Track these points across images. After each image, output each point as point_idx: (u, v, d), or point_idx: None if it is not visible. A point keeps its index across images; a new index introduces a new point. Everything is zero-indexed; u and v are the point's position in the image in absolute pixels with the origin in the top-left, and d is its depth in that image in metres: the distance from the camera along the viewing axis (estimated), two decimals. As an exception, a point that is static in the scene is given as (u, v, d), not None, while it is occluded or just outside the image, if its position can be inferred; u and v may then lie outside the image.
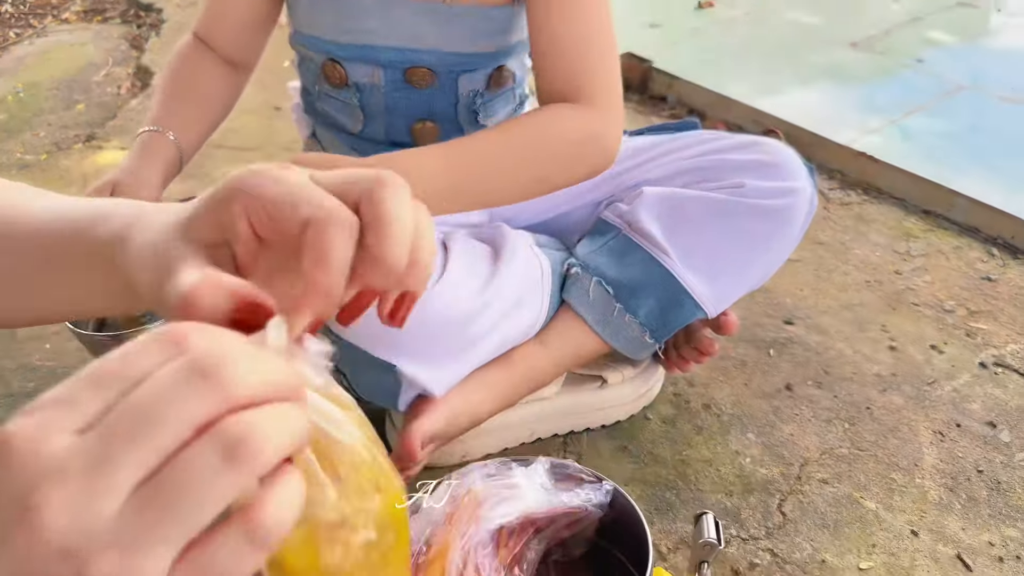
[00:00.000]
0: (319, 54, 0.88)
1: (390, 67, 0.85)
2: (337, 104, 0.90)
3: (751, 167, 0.89)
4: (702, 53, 1.85)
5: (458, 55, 0.85)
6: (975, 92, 1.73)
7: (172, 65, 0.92)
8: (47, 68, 1.89)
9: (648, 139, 0.98)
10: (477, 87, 0.88)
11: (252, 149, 1.55)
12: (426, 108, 0.88)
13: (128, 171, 0.85)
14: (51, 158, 1.53)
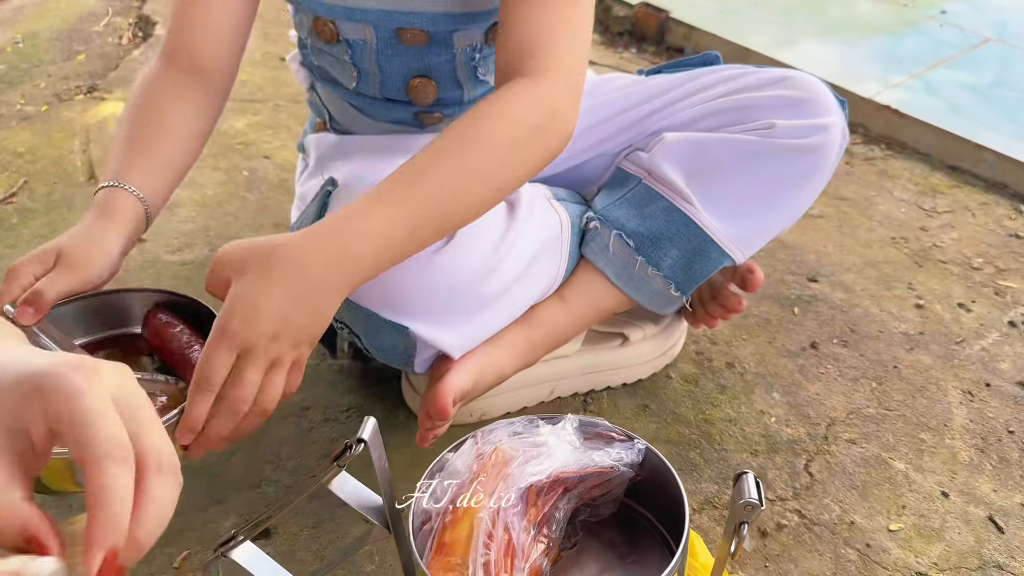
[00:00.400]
0: (308, 10, 0.83)
1: (380, 26, 0.81)
2: (330, 59, 0.86)
3: (782, 105, 0.84)
4: (720, 3, 1.80)
5: (448, 15, 0.80)
6: (1001, 44, 1.69)
7: (133, 101, 0.80)
8: (46, 18, 1.83)
9: (667, 78, 0.93)
10: (474, 42, 0.84)
11: (259, 101, 1.51)
12: (421, 64, 0.84)
13: (79, 236, 0.71)
14: (52, 109, 1.49)
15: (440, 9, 0.79)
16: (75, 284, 0.68)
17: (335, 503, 0.80)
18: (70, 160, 1.35)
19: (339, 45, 0.83)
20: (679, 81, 0.91)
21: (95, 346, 0.76)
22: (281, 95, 1.53)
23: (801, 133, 0.82)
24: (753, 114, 0.84)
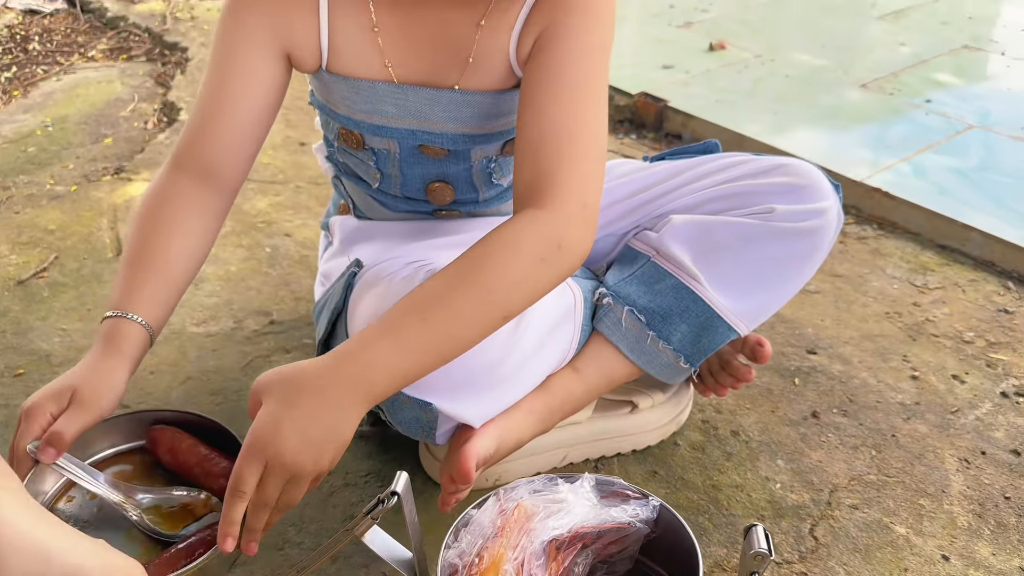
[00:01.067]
0: (335, 123, 0.90)
1: (404, 142, 0.88)
2: (355, 160, 0.93)
3: (780, 191, 0.90)
4: (715, 93, 1.90)
5: (468, 135, 0.87)
6: (983, 131, 1.78)
7: (140, 214, 0.83)
8: (75, 103, 1.93)
9: (671, 164, 1.00)
10: (490, 154, 0.91)
11: (280, 183, 1.58)
12: (440, 172, 0.91)
13: (90, 373, 0.75)
14: (81, 189, 1.56)
15: (460, 131, 0.87)
16: (88, 421, 0.74)
17: (357, 564, 0.84)
18: (98, 237, 1.41)
19: (365, 152, 0.90)
20: (682, 168, 0.98)
21: (108, 462, 0.85)
22: (301, 177, 1.60)
23: (799, 217, 0.89)
24: (754, 199, 0.90)
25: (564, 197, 0.73)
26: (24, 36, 2.29)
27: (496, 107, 0.86)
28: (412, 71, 0.83)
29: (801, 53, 2.16)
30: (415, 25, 0.81)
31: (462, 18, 0.80)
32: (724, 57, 2.10)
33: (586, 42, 0.77)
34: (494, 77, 0.83)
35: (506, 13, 0.80)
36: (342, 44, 0.82)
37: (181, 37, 2.26)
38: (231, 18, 0.82)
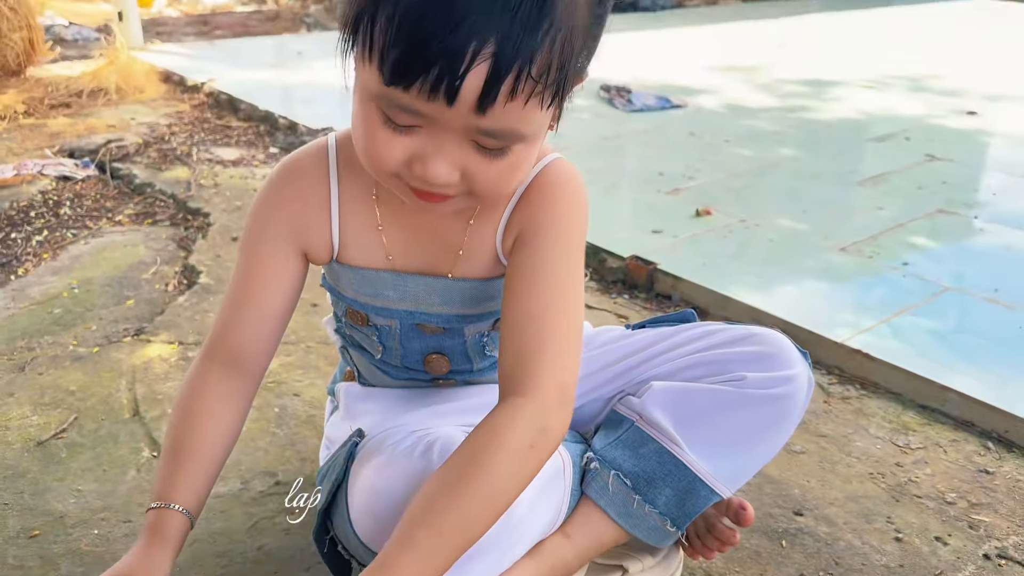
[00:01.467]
0: (343, 303, 1.00)
1: (403, 321, 0.98)
2: (360, 335, 1.03)
3: (750, 359, 0.98)
4: (702, 257, 2.01)
5: (461, 315, 0.97)
6: (959, 293, 1.87)
7: (178, 405, 0.91)
8: (101, 266, 2.05)
9: (650, 333, 1.08)
10: (483, 330, 1.00)
11: (292, 343, 1.67)
12: (437, 345, 1.00)
13: (137, 562, 0.80)
14: (102, 351, 1.64)
15: (453, 312, 0.96)
16: None
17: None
18: (117, 398, 1.48)
19: (369, 328, 1.00)
20: (662, 336, 1.07)
21: None
22: (312, 338, 1.69)
23: (769, 384, 0.96)
24: (727, 367, 0.98)
25: (543, 384, 0.79)
26: (56, 201, 2.45)
27: (484, 292, 0.95)
28: (411, 261, 0.94)
29: (783, 218, 2.30)
30: (414, 223, 0.92)
31: (454, 218, 0.91)
32: (710, 222, 2.23)
33: (560, 242, 0.86)
34: (482, 267, 0.94)
35: (492, 213, 0.91)
36: (351, 239, 0.93)
37: (204, 203, 2.42)
38: (255, 222, 0.93)
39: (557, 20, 0.66)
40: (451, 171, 0.74)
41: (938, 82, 4.32)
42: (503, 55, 0.65)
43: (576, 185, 0.90)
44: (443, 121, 0.70)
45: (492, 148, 0.73)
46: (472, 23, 0.63)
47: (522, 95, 0.68)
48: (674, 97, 3.61)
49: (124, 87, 3.52)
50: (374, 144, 0.75)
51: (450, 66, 0.64)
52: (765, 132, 3.24)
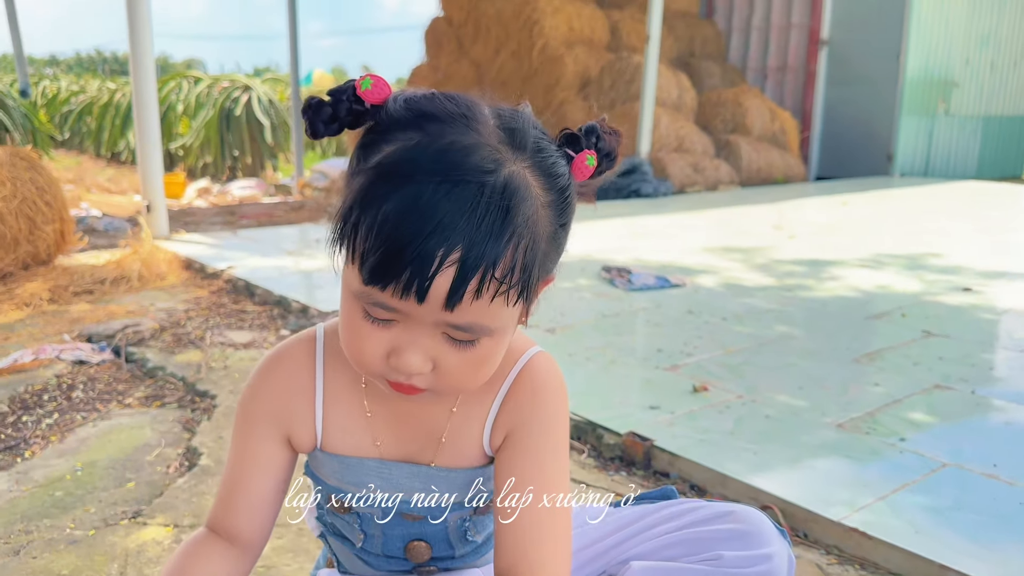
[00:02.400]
0: (325, 490, 1.02)
1: (386, 509, 0.99)
2: (341, 522, 1.04)
3: (728, 537, 0.98)
4: (699, 433, 2.03)
5: (442, 508, 0.99)
6: (958, 469, 1.86)
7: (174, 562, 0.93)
8: (106, 449, 2.08)
9: (632, 510, 1.09)
10: (465, 515, 1.02)
11: (284, 525, 1.67)
12: (419, 532, 1.02)
13: None
14: (99, 534, 1.65)
15: (435, 501, 0.98)
16: None
17: None
18: (106, 583, 1.48)
19: (351, 515, 1.02)
20: (641, 514, 1.08)
21: None
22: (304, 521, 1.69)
23: (746, 563, 0.96)
24: (703, 546, 0.98)
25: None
26: (70, 385, 2.53)
27: (468, 481, 0.98)
28: (396, 449, 0.97)
29: (781, 394, 2.32)
30: (400, 411, 0.96)
31: (438, 405, 0.95)
32: (707, 399, 2.26)
33: (552, 442, 0.92)
34: (464, 457, 0.96)
35: (477, 404, 0.95)
36: (336, 427, 0.97)
37: (212, 385, 2.48)
38: (243, 410, 0.97)
39: (519, 230, 0.74)
40: (424, 361, 0.79)
41: (934, 261, 4.46)
42: (468, 260, 0.72)
43: (560, 381, 0.96)
44: (416, 316, 0.76)
45: (461, 340, 0.78)
46: (441, 233, 0.71)
47: (487, 294, 0.74)
48: (673, 277, 3.74)
49: (146, 274, 3.70)
50: (357, 339, 0.81)
51: (421, 270, 0.71)
52: (762, 310, 3.32)
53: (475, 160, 0.73)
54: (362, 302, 0.78)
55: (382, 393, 0.94)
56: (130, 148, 13.12)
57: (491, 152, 0.74)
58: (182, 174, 9.71)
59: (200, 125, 11.47)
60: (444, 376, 0.81)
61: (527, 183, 0.75)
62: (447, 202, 0.71)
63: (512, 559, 0.87)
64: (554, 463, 0.91)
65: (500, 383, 0.94)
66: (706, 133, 8.94)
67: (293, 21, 9.92)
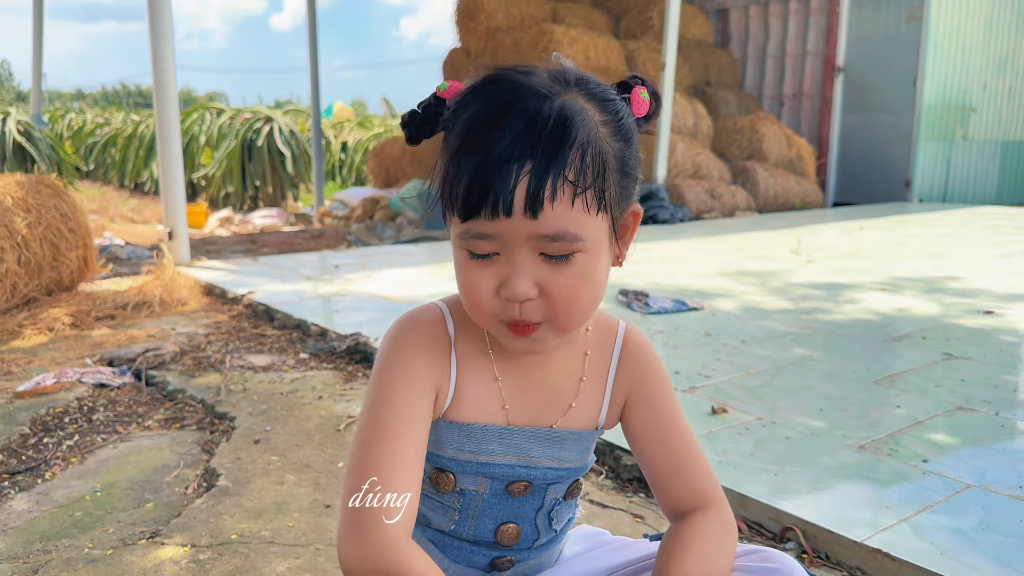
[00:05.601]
0: (430, 465, 1.01)
1: (497, 479, 1.00)
2: (434, 504, 1.02)
3: (753, 570, 0.96)
4: (718, 455, 2.01)
5: (556, 469, 1.01)
6: (982, 491, 1.83)
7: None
8: (125, 470, 2.10)
9: None
10: (558, 496, 1.03)
11: (302, 545, 1.67)
12: (514, 512, 1.02)
13: None
14: (116, 553, 1.65)
15: (550, 464, 1.01)
16: None
17: None
18: (124, 601, 1.48)
19: (453, 494, 1.01)
20: None
21: None
22: (322, 540, 1.69)
23: None
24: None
25: (717, 495, 1.00)
26: (91, 407, 2.55)
27: (580, 444, 1.02)
28: (521, 414, 0.99)
29: (800, 416, 2.30)
30: (528, 379, 0.99)
31: (568, 374, 1.00)
32: (726, 420, 2.24)
33: (672, 397, 1.04)
34: (583, 421, 1.02)
35: (597, 374, 1.02)
36: (466, 394, 0.97)
37: (231, 407, 2.50)
38: (396, 371, 0.93)
39: (581, 139, 0.83)
40: (530, 285, 0.84)
41: (954, 284, 4.42)
42: (539, 167, 0.81)
43: (653, 347, 1.06)
44: (511, 238, 0.83)
45: (557, 254, 0.84)
46: (511, 152, 0.81)
47: (564, 197, 0.82)
48: (690, 300, 3.73)
49: (168, 300, 3.74)
50: (469, 284, 0.87)
51: (502, 187, 0.81)
52: (781, 333, 3.30)
53: (531, 93, 0.83)
54: (465, 246, 0.85)
55: (510, 360, 0.98)
56: (153, 179, 13.32)
57: (545, 87, 0.84)
58: (204, 204, 9.83)
59: (222, 155, 11.62)
60: (552, 301, 0.85)
61: (581, 105, 0.85)
62: (512, 128, 0.81)
63: (679, 491, 0.99)
64: (678, 407, 1.03)
65: (611, 352, 1.02)
66: (722, 160, 8.96)
67: (314, 54, 10.08)
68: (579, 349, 1.01)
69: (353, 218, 8.28)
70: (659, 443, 1.01)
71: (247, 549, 1.66)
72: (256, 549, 1.66)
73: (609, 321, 1.05)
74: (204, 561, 1.62)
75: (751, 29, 10.69)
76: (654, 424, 1.02)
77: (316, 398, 2.62)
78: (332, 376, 2.85)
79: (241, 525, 1.77)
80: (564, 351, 1.00)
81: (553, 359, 1.00)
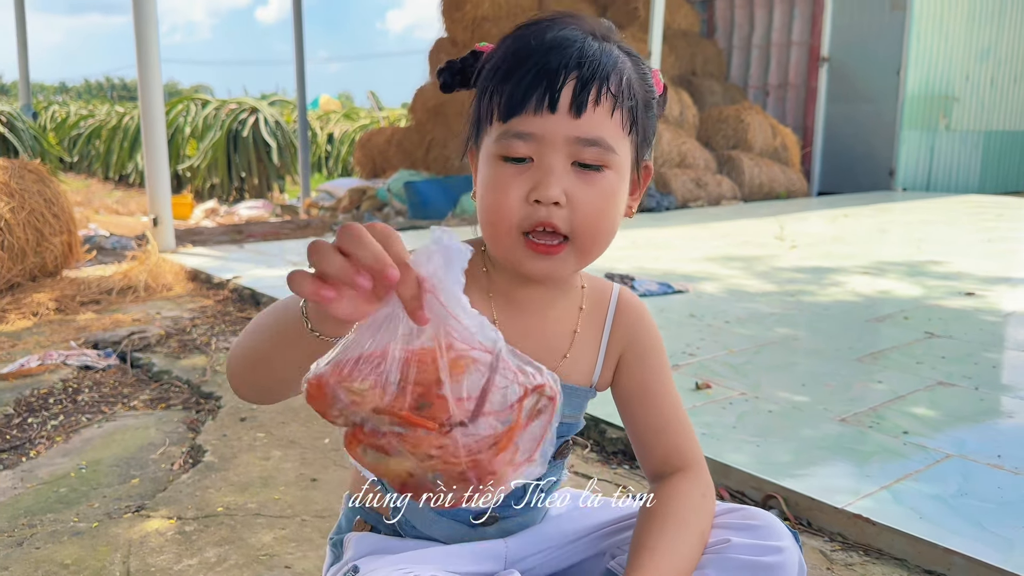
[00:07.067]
0: None
1: None
2: None
3: (736, 526, 0.96)
4: (701, 427, 2.03)
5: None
6: (961, 460, 1.86)
7: None
8: (110, 447, 2.09)
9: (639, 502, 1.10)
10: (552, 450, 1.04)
11: (288, 517, 1.67)
12: None
13: None
14: (102, 526, 1.65)
15: None
16: None
17: None
18: (110, 571, 1.48)
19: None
20: None
21: None
22: (308, 511, 1.70)
23: (756, 552, 0.93)
24: (713, 533, 0.98)
25: (698, 460, 1.02)
26: (76, 388, 2.54)
27: (571, 399, 1.02)
28: None
29: (783, 391, 2.32)
30: (525, 324, 1.00)
31: (562, 324, 1.01)
32: (710, 395, 2.26)
33: (663, 358, 1.05)
34: (578, 376, 1.03)
35: (593, 328, 1.03)
36: None
37: (217, 387, 2.50)
38: None
39: (620, 65, 0.89)
40: (559, 191, 0.87)
41: (936, 268, 4.46)
42: (585, 72, 0.86)
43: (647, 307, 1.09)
44: (550, 139, 0.86)
45: (590, 162, 0.87)
46: (561, 55, 0.86)
47: (606, 104, 0.86)
48: (676, 283, 3.75)
49: (153, 285, 3.72)
50: (499, 191, 0.89)
51: (551, 83, 0.85)
52: (764, 314, 3.33)
53: (578, 29, 0.89)
54: (501, 150, 0.88)
55: (509, 306, 0.99)
56: (138, 170, 13.22)
57: (588, 29, 0.90)
58: (190, 195, 9.76)
59: (208, 147, 11.55)
60: (579, 213, 0.88)
61: (619, 53, 0.90)
62: (560, 48, 0.86)
63: (663, 451, 1.01)
64: (669, 371, 1.05)
65: (606, 310, 1.04)
66: (708, 149, 8.98)
67: (299, 47, 10.04)
68: (574, 303, 1.03)
69: (340, 208, 8.26)
70: (649, 401, 1.03)
71: (233, 521, 1.67)
72: (242, 520, 1.67)
73: (603, 282, 1.07)
74: (190, 533, 1.62)
75: (736, 19, 10.72)
76: (645, 381, 1.04)
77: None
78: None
79: (227, 498, 1.78)
80: (561, 303, 1.02)
81: (551, 308, 1.01)
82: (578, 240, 0.90)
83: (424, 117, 9.48)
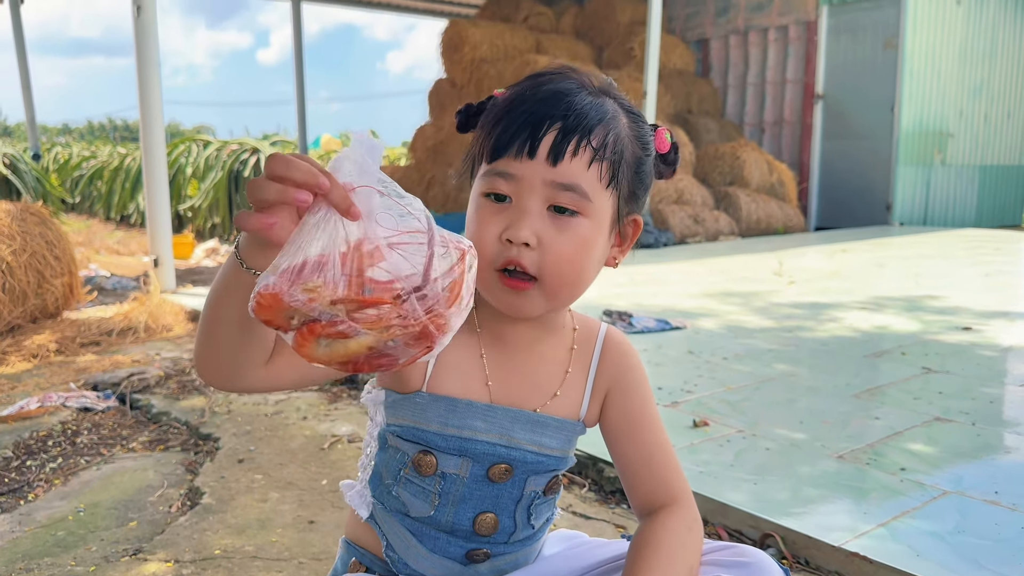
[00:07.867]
0: (415, 444, 1.02)
1: (479, 460, 1.01)
2: (415, 489, 1.03)
3: (726, 563, 0.97)
4: (699, 465, 2.03)
5: (537, 454, 1.03)
6: (959, 496, 1.86)
7: None
8: (109, 490, 2.09)
9: None
10: (537, 489, 1.05)
11: (285, 560, 1.67)
12: (493, 501, 1.03)
13: None
14: (99, 570, 1.65)
15: (532, 449, 1.02)
16: None
17: None
18: (106, 615, 1.48)
19: (433, 478, 1.02)
20: None
21: None
22: (305, 553, 1.70)
23: None
24: (704, 571, 0.99)
25: (685, 493, 1.02)
26: (75, 431, 2.54)
27: (562, 433, 1.04)
28: (505, 394, 1.02)
29: (780, 428, 2.33)
30: (515, 361, 1.02)
31: (553, 362, 1.04)
32: (707, 432, 2.27)
33: (648, 392, 1.07)
34: (566, 411, 1.05)
35: (580, 367, 1.05)
36: (448, 367, 1.01)
37: (215, 429, 2.50)
38: None
39: (609, 122, 0.93)
40: (531, 231, 0.90)
41: (933, 303, 4.48)
42: (568, 125, 0.90)
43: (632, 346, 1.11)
44: (528, 181, 0.90)
45: (564, 206, 0.90)
46: (547, 106, 0.91)
47: (583, 157, 0.90)
48: (673, 320, 3.76)
49: (153, 326, 3.74)
50: (479, 225, 0.93)
51: (533, 131, 0.90)
52: (762, 350, 3.34)
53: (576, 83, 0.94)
54: (486, 187, 0.93)
55: (498, 341, 1.02)
56: (139, 211, 13.30)
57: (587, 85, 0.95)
58: (191, 235, 9.81)
59: (209, 187, 11.64)
60: (547, 256, 0.91)
61: (614, 108, 0.95)
62: (552, 100, 0.91)
63: (649, 485, 1.02)
64: (654, 406, 1.07)
65: (593, 346, 1.06)
66: (705, 186, 9.06)
67: (300, 87, 10.18)
68: (566, 344, 1.05)
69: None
70: (634, 436, 1.04)
71: (230, 564, 1.67)
72: (239, 564, 1.67)
73: (592, 322, 1.09)
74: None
75: (731, 58, 10.87)
76: (631, 417, 1.05)
77: (300, 418, 2.62)
78: (316, 397, 2.85)
79: (224, 541, 1.77)
80: (551, 343, 1.04)
81: (539, 345, 1.03)
82: (545, 281, 0.93)
83: (424, 156, 9.58)
